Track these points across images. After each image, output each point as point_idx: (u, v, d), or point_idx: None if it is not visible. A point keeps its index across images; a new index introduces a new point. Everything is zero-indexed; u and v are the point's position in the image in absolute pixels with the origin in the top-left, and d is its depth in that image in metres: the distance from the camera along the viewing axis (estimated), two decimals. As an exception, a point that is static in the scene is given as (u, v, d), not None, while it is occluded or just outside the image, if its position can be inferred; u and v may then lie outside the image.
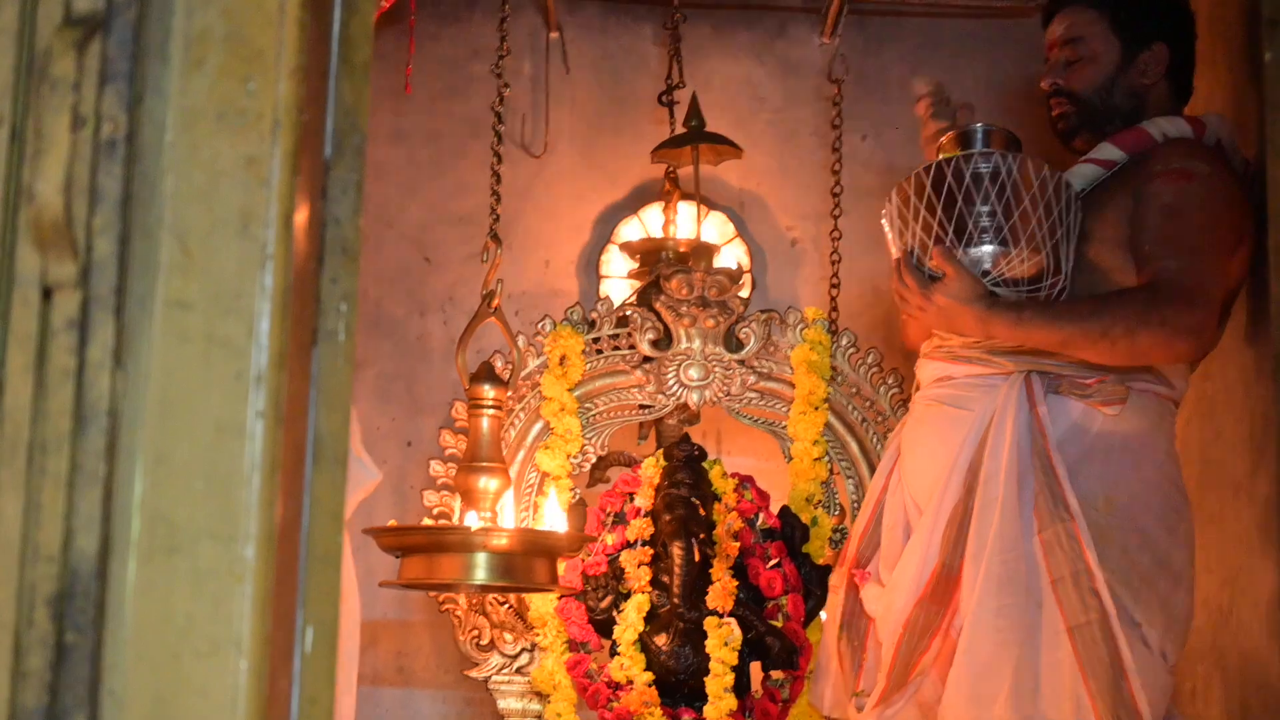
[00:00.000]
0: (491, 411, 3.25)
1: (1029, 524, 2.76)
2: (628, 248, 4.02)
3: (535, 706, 3.51)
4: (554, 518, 3.42)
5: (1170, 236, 2.81)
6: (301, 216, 1.42)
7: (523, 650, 3.54)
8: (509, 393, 3.48)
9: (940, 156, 2.90)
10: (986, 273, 2.82)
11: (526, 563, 3.06)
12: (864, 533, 3.08)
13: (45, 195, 1.28)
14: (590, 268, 4.57)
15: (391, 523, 3.24)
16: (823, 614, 3.43)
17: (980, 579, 2.76)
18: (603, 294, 4.33)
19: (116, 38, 1.34)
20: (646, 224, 4.54)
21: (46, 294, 1.31)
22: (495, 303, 3.36)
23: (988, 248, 2.81)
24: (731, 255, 4.46)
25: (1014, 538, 2.75)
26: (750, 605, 3.41)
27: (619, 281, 4.44)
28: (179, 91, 1.37)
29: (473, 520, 3.20)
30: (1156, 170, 2.89)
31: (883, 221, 3.00)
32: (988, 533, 2.77)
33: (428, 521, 3.48)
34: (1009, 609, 2.74)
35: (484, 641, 3.54)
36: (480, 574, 3.00)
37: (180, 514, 1.31)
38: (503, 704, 3.55)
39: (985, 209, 2.79)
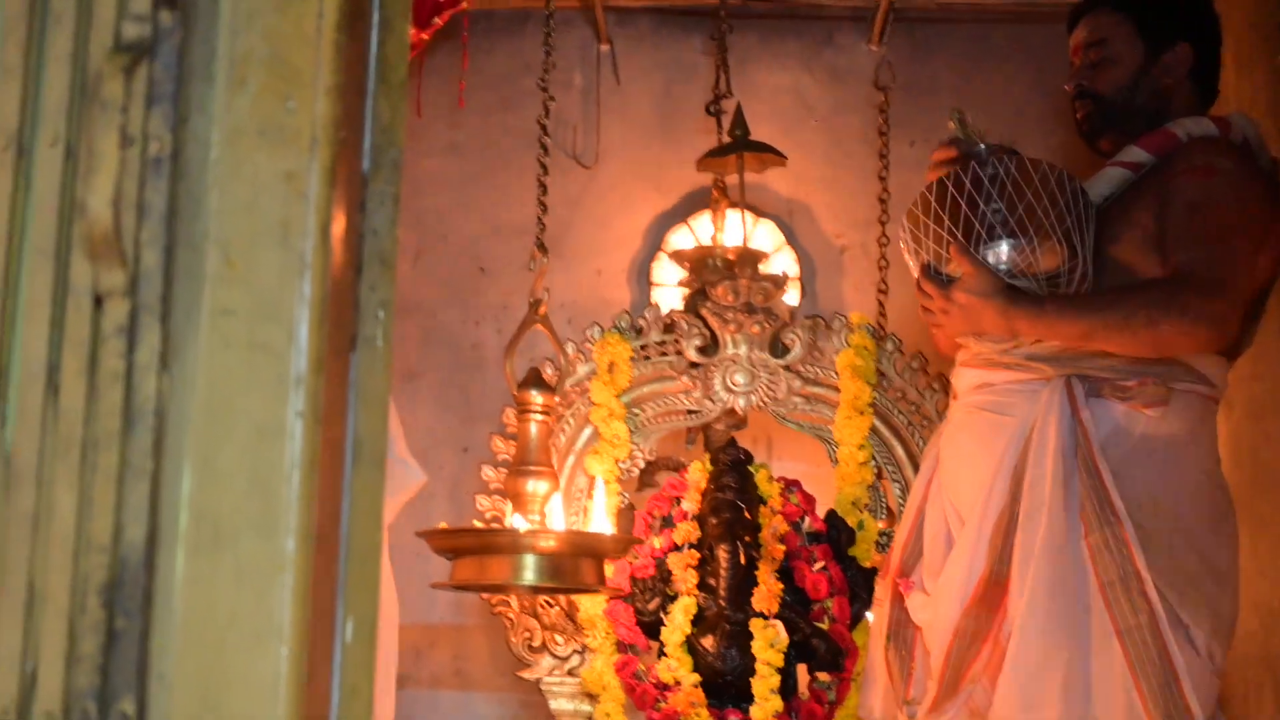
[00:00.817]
0: (539, 416, 3.30)
1: (1076, 528, 2.76)
2: (677, 256, 4.07)
3: (586, 707, 3.55)
4: (600, 520, 3.45)
5: (1193, 230, 2.81)
6: (339, 227, 1.44)
7: (573, 652, 3.57)
8: (557, 398, 3.53)
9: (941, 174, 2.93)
10: (1005, 270, 2.84)
11: (573, 564, 3.09)
12: (906, 542, 3.08)
13: (96, 210, 1.32)
14: (641, 276, 4.61)
15: (442, 525, 3.28)
16: (869, 616, 3.45)
17: (1028, 585, 2.76)
18: (653, 302, 4.38)
19: (162, 62, 1.38)
20: (697, 232, 4.58)
21: (97, 302, 1.35)
22: (542, 310, 3.41)
23: (1001, 245, 2.83)
24: (780, 262, 4.49)
25: (1061, 542, 2.75)
26: (796, 608, 3.43)
27: (669, 289, 4.48)
28: (222, 110, 1.40)
29: (520, 523, 3.24)
30: (1181, 168, 2.89)
31: (901, 248, 3.04)
32: (1035, 538, 2.77)
33: (478, 524, 3.53)
34: (1057, 613, 2.74)
35: (535, 643, 3.58)
36: (529, 575, 3.03)
37: (224, 510, 1.35)
38: (554, 704, 3.58)
39: (991, 208, 2.81)
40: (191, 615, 1.34)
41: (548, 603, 3.56)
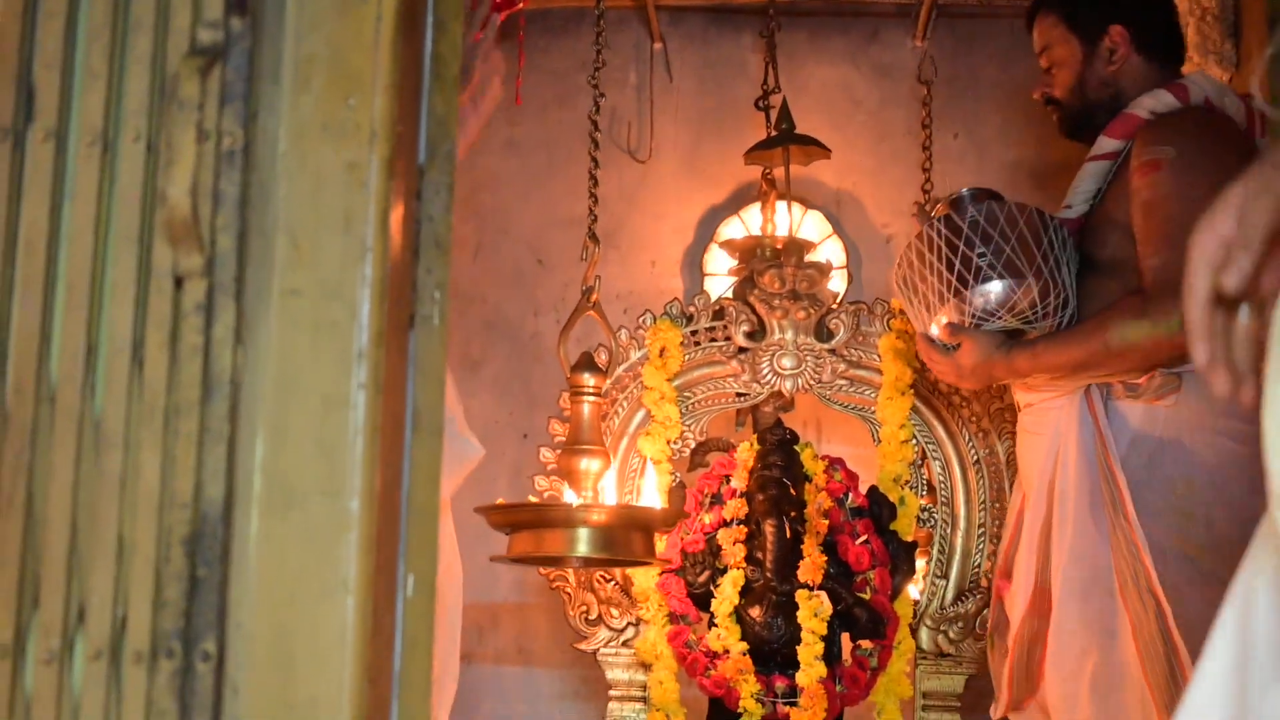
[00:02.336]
0: (591, 398, 3.40)
1: (1103, 533, 2.81)
2: (728, 246, 4.16)
3: (640, 677, 3.64)
4: (651, 497, 3.54)
5: (1150, 234, 2.78)
6: (397, 215, 1.55)
7: (628, 624, 3.66)
8: (609, 381, 3.63)
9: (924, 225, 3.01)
10: (992, 312, 2.91)
11: (624, 536, 3.18)
12: (1009, 545, 3.15)
13: (175, 199, 1.44)
14: (694, 266, 4.71)
15: (499, 500, 3.36)
16: (911, 588, 3.57)
17: (1059, 590, 2.85)
18: (704, 290, 4.47)
19: (234, 64, 1.50)
20: (748, 223, 4.67)
21: (178, 282, 1.47)
22: (594, 297, 3.53)
23: (987, 285, 2.90)
24: (828, 251, 4.59)
25: (1085, 548, 2.82)
26: (839, 579, 3.49)
27: (722, 279, 4.57)
28: (289, 108, 1.52)
29: (573, 498, 3.34)
30: (1135, 165, 2.86)
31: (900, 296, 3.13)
32: (1063, 546, 2.85)
33: (533, 499, 3.63)
34: (1085, 614, 2.82)
35: (592, 616, 3.68)
36: (581, 547, 3.12)
37: (294, 472, 1.46)
38: (610, 674, 3.68)
39: (977, 253, 2.89)
40: (265, 568, 1.45)
41: (603, 577, 3.66)
